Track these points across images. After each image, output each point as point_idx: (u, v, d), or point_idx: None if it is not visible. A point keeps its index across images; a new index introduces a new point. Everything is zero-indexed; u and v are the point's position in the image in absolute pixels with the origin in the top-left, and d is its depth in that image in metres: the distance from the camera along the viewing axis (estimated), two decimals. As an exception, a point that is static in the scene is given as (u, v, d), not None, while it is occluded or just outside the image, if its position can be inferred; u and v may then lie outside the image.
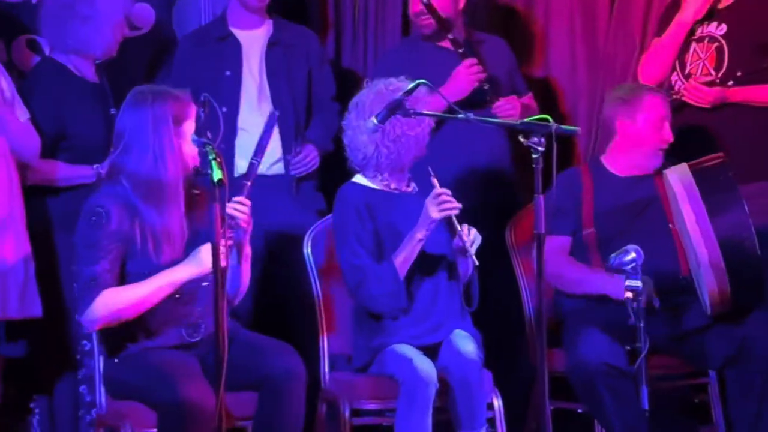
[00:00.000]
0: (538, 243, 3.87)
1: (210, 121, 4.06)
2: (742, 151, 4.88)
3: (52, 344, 4.95)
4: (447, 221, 4.46)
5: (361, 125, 4.51)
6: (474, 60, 5.20)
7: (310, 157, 5.31)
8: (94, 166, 4.90)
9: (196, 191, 4.29)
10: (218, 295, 3.73)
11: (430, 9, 5.19)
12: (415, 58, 5.31)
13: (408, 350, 4.43)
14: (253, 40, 5.35)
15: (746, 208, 4.41)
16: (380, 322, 4.55)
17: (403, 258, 4.48)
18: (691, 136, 5.01)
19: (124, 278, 4.15)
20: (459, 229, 4.44)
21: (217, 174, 3.75)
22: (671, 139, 4.86)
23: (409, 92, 4.21)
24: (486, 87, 5.20)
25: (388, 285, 4.48)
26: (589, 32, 5.77)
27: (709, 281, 4.46)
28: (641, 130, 4.87)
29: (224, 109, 4.98)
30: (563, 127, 3.99)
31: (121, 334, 4.20)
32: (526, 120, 4.00)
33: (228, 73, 5.27)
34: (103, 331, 4.24)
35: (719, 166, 4.56)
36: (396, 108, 4.20)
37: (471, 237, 4.43)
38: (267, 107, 5.20)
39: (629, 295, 4.14)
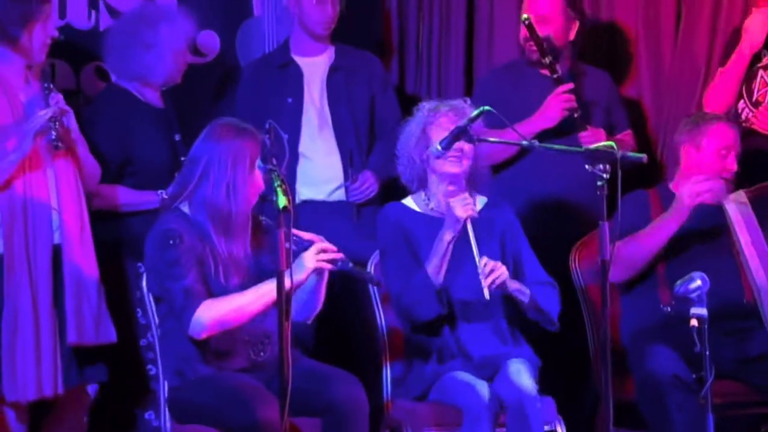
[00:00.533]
0: (603, 270, 3.86)
1: (275, 147, 4.08)
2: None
3: (124, 371, 5.00)
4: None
5: (411, 144, 4.55)
6: (567, 87, 5.21)
7: (367, 184, 5.33)
8: (159, 192, 4.95)
9: (261, 218, 4.34)
10: (282, 319, 3.76)
11: (531, 31, 5.20)
12: (517, 82, 5.36)
13: (467, 377, 4.43)
14: (315, 67, 5.40)
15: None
16: (433, 351, 4.56)
17: (435, 263, 4.48)
18: (759, 163, 4.97)
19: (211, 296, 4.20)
20: (477, 260, 4.41)
21: (282, 201, 3.77)
22: (734, 169, 4.82)
23: (474, 119, 4.23)
24: (576, 115, 5.19)
25: (421, 292, 4.48)
26: (654, 59, 5.74)
27: (768, 307, 4.45)
28: (704, 157, 4.84)
29: (286, 136, 5.00)
30: (628, 154, 3.99)
31: (189, 356, 4.23)
32: (591, 147, 3.99)
33: (290, 100, 5.33)
34: (170, 354, 4.28)
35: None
36: (460, 134, 4.21)
37: (487, 269, 4.38)
38: (328, 134, 5.28)
39: (695, 322, 4.11)
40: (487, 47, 5.97)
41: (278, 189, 3.81)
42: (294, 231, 4.09)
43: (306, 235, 4.21)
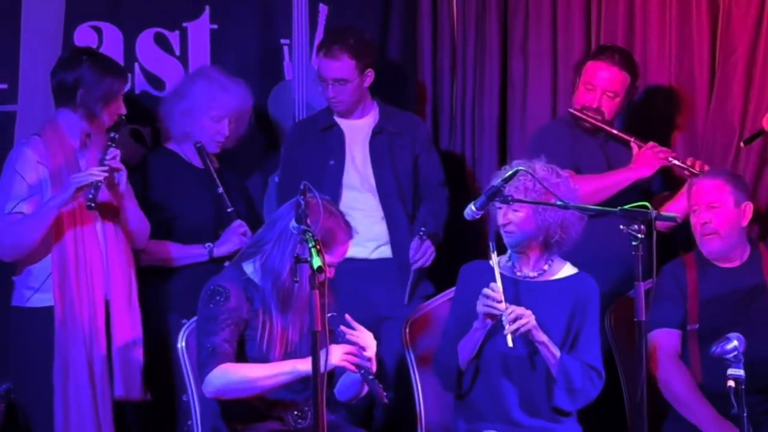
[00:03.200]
0: (639, 331, 3.84)
1: (310, 209, 4.07)
2: None
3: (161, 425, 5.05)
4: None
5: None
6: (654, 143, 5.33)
7: (429, 252, 5.33)
8: (206, 245, 5.07)
9: None
10: (317, 386, 3.75)
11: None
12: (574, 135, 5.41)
13: None
14: (358, 130, 5.44)
15: None
16: (474, 408, 4.53)
17: (465, 342, 4.47)
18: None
19: (244, 359, 4.22)
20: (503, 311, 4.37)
21: (316, 261, 3.78)
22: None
23: (508, 179, 4.23)
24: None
25: (444, 367, 4.52)
26: (688, 119, 5.73)
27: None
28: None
29: (327, 198, 5.03)
30: (663, 214, 4.00)
31: (227, 414, 4.24)
32: (626, 207, 3.99)
33: (332, 162, 5.36)
34: (209, 410, 4.31)
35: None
36: (495, 195, 4.22)
37: (512, 315, 4.34)
38: (371, 195, 5.34)
39: (732, 383, 4.07)
40: (521, 106, 5.98)
41: (313, 250, 3.81)
42: (344, 328, 4.16)
43: (352, 334, 4.19)
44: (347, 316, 4.21)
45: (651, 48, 5.80)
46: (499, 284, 4.40)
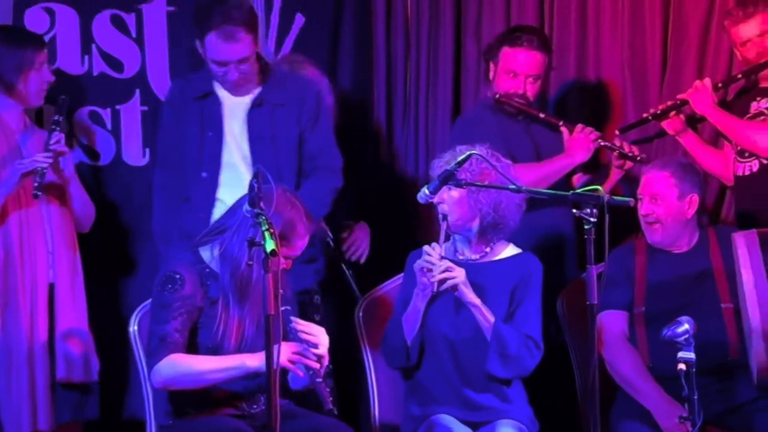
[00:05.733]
0: (591, 314, 3.86)
1: (269, 198, 4.04)
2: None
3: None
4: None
5: None
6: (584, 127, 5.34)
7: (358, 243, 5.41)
8: None
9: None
10: (270, 373, 3.75)
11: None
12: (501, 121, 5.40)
13: (449, 421, 4.44)
14: (237, 100, 5.08)
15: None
16: (425, 391, 4.55)
17: (408, 314, 4.52)
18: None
19: (195, 348, 4.18)
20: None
21: (270, 245, 3.75)
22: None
23: (461, 163, 4.24)
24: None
25: (388, 344, 4.57)
26: (640, 105, 5.74)
27: (758, 349, 4.42)
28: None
29: (204, 174, 4.98)
30: (615, 198, 4.02)
31: (181, 398, 4.22)
32: (578, 191, 4.01)
33: (210, 134, 5.04)
34: (162, 393, 4.28)
35: (788, 234, 4.56)
36: (448, 178, 4.22)
37: (442, 268, 4.41)
38: (248, 175, 4.92)
39: (683, 366, 4.11)
40: (474, 89, 5.99)
41: (266, 233, 3.80)
42: (297, 322, 4.13)
43: (304, 329, 4.16)
44: (297, 322, 4.18)
45: (604, 33, 5.82)
46: (440, 245, 4.46)
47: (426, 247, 4.48)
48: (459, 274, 4.44)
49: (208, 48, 4.90)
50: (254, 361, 4.05)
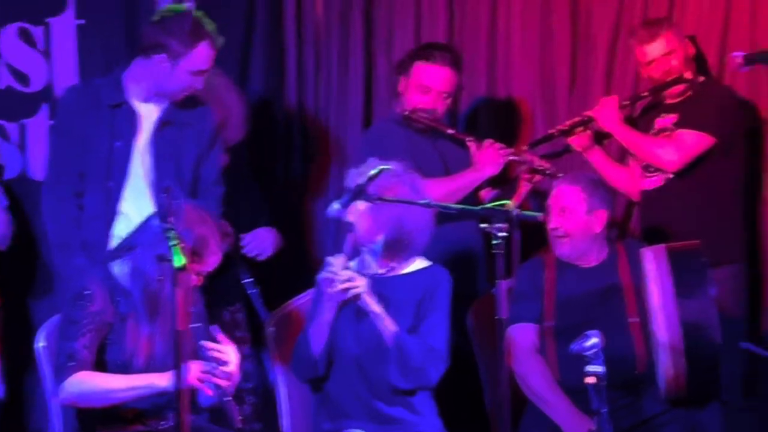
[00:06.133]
0: (500, 328, 3.88)
1: (180, 213, 4.01)
2: (710, 235, 4.94)
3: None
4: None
5: None
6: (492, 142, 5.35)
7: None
8: None
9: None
10: (179, 390, 3.72)
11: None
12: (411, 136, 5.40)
13: None
14: (147, 116, 4.96)
15: (713, 294, 4.44)
16: (334, 405, 4.54)
17: (314, 326, 4.51)
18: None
19: (104, 364, 4.14)
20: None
21: (179, 260, 3.73)
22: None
23: (373, 178, 4.24)
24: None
25: (296, 356, 4.57)
26: (550, 118, 5.80)
27: (665, 364, 4.47)
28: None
29: (111, 184, 4.88)
30: (524, 212, 4.04)
31: (90, 417, 4.18)
32: (487, 206, 4.03)
33: (118, 144, 4.90)
34: (71, 412, 4.24)
35: (693, 250, 4.60)
36: (359, 193, 4.22)
37: (345, 277, 4.43)
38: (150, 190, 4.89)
39: (592, 380, 4.13)
40: (386, 104, 6.01)
41: (176, 248, 3.77)
42: (206, 342, 4.11)
43: (214, 347, 4.14)
44: (213, 329, 4.17)
45: (513, 49, 5.87)
46: (345, 256, 4.48)
47: (330, 258, 4.48)
48: (361, 284, 4.45)
49: (198, 57, 4.86)
50: (162, 380, 4.01)
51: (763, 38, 5.32)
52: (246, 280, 5.14)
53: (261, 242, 5.41)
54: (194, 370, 4.01)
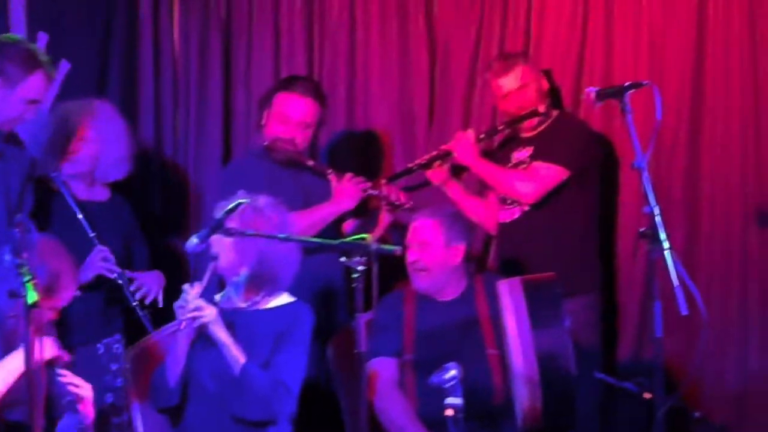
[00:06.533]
0: (359, 362, 3.88)
1: (34, 248, 3.94)
2: (565, 266, 5.01)
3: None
4: None
5: None
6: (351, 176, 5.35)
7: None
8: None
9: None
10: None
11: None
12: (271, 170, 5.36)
13: None
14: None
15: (567, 325, 4.50)
16: None
17: (171, 355, 4.50)
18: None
19: None
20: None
21: (31, 296, 3.66)
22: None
23: (231, 211, 4.22)
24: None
25: (153, 383, 4.53)
26: (409, 153, 5.83)
27: (522, 395, 4.52)
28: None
29: (51, 237, 4.72)
30: (383, 246, 4.06)
31: None
32: (346, 240, 4.04)
33: None
34: None
35: (548, 282, 4.66)
36: (217, 227, 4.20)
37: (194, 305, 4.41)
38: None
39: (450, 412, 4.16)
40: (245, 137, 6.00)
41: (29, 285, 3.70)
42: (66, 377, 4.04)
43: (71, 381, 4.08)
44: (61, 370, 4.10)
45: (372, 82, 5.91)
46: (202, 285, 4.44)
47: (185, 286, 4.45)
48: (209, 313, 4.42)
49: (32, 85, 4.77)
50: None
51: (617, 73, 5.44)
52: (134, 303, 5.09)
53: (148, 287, 5.32)
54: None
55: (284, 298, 4.64)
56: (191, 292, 4.43)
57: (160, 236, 5.86)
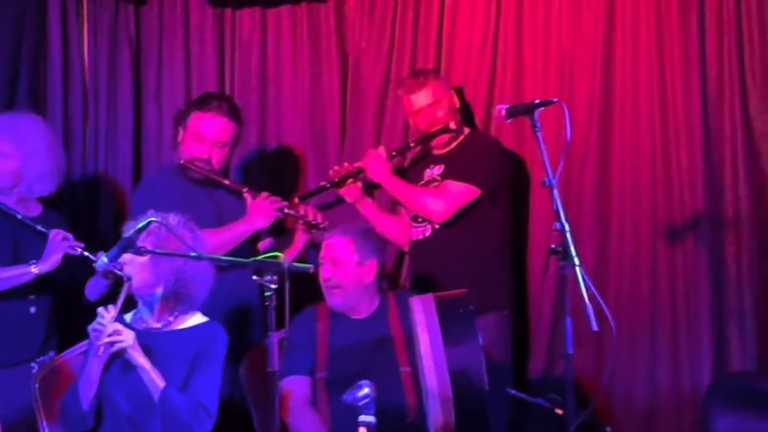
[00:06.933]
0: (272, 381, 3.87)
1: None
2: (477, 283, 5.02)
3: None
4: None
5: None
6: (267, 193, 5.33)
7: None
8: (29, 263, 4.97)
9: None
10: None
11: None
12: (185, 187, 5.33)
13: None
14: None
15: (480, 341, 4.52)
16: None
17: (83, 378, 4.44)
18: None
19: None
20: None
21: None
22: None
23: (141, 230, 4.19)
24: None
25: (64, 410, 4.46)
26: (320, 169, 5.83)
27: (435, 412, 4.52)
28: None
29: None
30: (296, 264, 4.07)
31: None
32: (259, 258, 4.03)
33: None
34: None
35: (460, 299, 4.67)
36: (128, 246, 4.16)
37: (111, 330, 4.36)
38: None
39: (363, 431, 4.15)
40: (156, 154, 5.96)
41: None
42: None
43: None
44: None
45: (284, 99, 5.91)
46: (116, 308, 4.40)
47: (100, 309, 4.40)
48: (127, 338, 4.38)
49: None
50: None
51: (527, 91, 5.49)
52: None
53: None
54: None
55: (197, 318, 4.61)
56: (106, 316, 4.38)
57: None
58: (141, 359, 4.40)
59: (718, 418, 4.73)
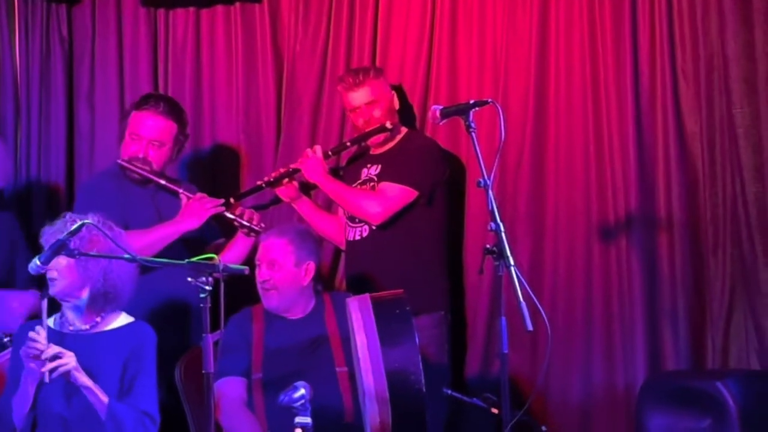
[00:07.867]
0: (207, 382, 3.86)
1: None
2: (413, 284, 5.02)
3: None
4: None
5: None
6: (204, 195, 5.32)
7: None
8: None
9: None
10: None
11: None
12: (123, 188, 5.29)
13: None
14: None
15: (417, 341, 4.52)
16: None
17: (18, 397, 4.38)
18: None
19: None
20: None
21: None
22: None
23: (74, 232, 4.15)
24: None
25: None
26: (256, 170, 5.83)
27: (372, 412, 4.52)
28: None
29: None
30: (230, 266, 4.05)
31: None
32: (193, 260, 4.01)
33: None
34: None
35: (397, 299, 4.67)
36: (60, 248, 4.13)
37: (50, 353, 4.30)
38: None
39: (299, 432, 4.16)
40: (89, 157, 5.92)
41: None
42: None
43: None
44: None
45: (219, 99, 5.89)
46: (44, 327, 4.34)
47: (31, 333, 4.33)
48: (70, 360, 4.32)
49: None
50: None
51: (462, 92, 5.50)
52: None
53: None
54: None
55: (124, 318, 4.58)
56: (38, 337, 4.32)
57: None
58: (85, 379, 4.35)
59: (651, 416, 4.77)
